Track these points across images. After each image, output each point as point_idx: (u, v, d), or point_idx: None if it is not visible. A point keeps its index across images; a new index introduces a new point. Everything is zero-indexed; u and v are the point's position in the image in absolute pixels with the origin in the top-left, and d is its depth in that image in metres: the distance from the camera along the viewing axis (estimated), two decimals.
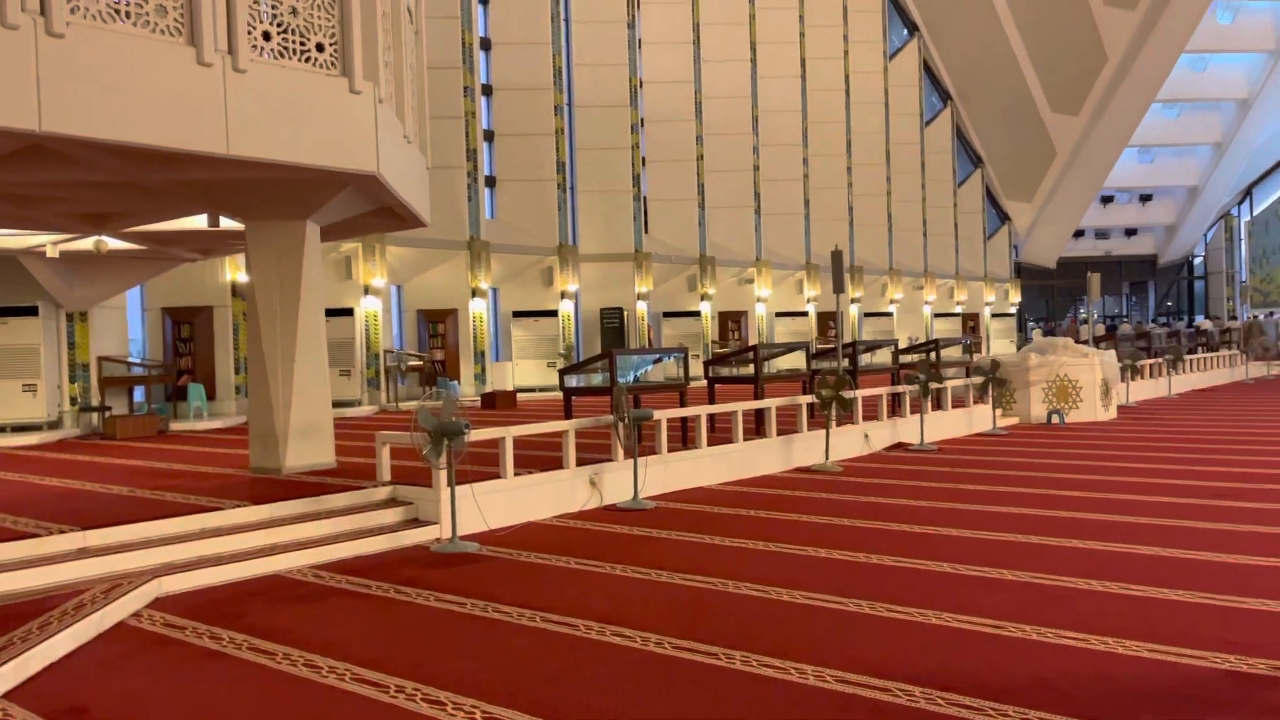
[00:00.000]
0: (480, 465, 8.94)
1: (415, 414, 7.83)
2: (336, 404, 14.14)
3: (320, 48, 8.17)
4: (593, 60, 24.10)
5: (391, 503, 8.52)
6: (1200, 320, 36.35)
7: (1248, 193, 40.08)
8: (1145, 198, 38.47)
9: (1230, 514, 8.33)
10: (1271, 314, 36.60)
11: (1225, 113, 36.52)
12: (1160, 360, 22.75)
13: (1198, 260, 41.71)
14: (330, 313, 13.22)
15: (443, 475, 8.04)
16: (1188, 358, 24.25)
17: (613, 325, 24.23)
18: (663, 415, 10.52)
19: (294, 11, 8.03)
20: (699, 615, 5.84)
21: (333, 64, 8.26)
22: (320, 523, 7.88)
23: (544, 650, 5.28)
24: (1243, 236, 40.10)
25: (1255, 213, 40.12)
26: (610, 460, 9.85)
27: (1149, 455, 12.34)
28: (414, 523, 8.27)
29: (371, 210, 10.50)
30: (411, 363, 19.68)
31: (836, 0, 30.14)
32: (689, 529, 8.41)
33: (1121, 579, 6.31)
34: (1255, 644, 5.00)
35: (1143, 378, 21.42)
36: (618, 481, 9.72)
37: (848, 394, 12.57)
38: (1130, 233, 39.46)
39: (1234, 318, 36.07)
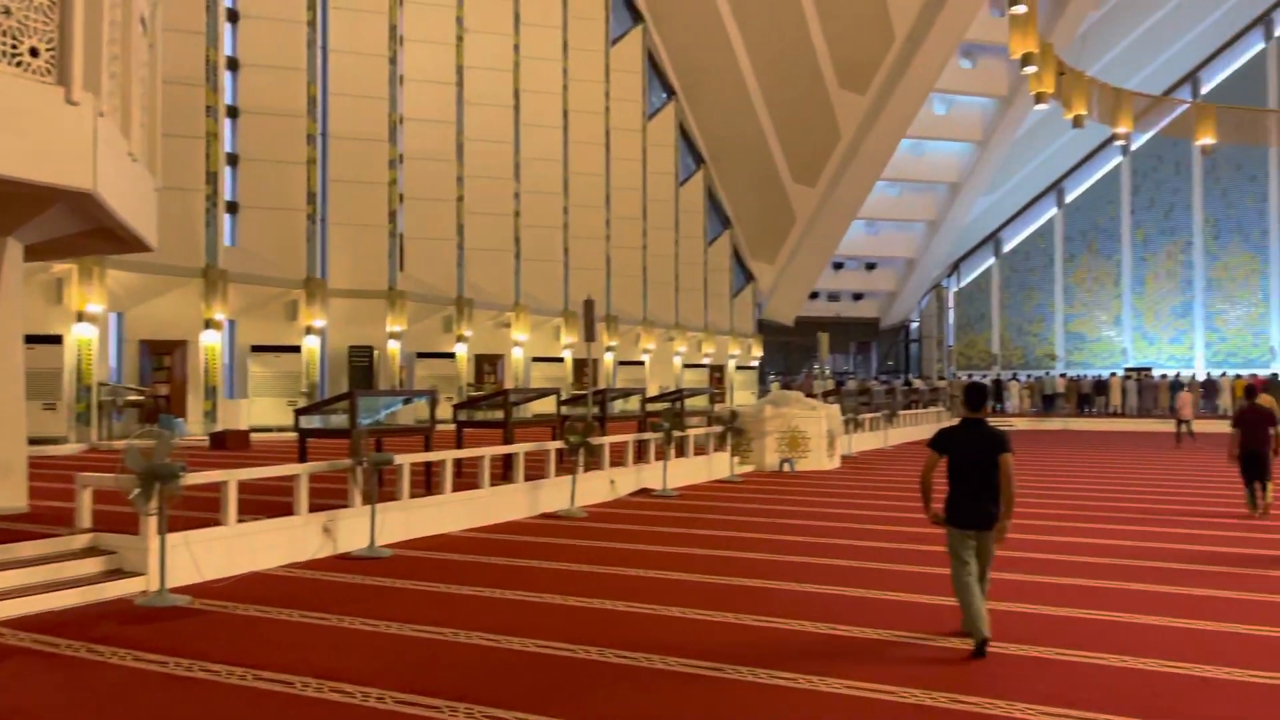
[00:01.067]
0: (200, 511, 8.32)
1: (124, 454, 7.18)
2: (37, 441, 12.73)
3: (34, 52, 7.45)
4: (351, 91, 23.45)
5: (91, 552, 7.72)
6: (914, 379, 40.07)
7: (955, 267, 44.89)
8: (870, 266, 42.13)
9: (927, 558, 9.15)
10: (970, 376, 40.97)
11: (939, 194, 40.77)
12: (879, 414, 24.82)
13: (914, 325, 46.07)
14: (33, 339, 11.94)
15: (152, 522, 7.39)
16: (902, 413, 26.60)
17: (361, 364, 23.42)
18: (405, 459, 10.25)
19: (6, 11, 7.29)
20: (426, 668, 5.68)
21: (48, 70, 7.54)
22: (3, 574, 7.02)
23: (252, 711, 4.94)
24: (951, 305, 44.83)
25: (961, 285, 45.00)
26: (347, 506, 9.45)
27: (864, 502, 13.36)
28: (117, 574, 7.53)
29: (87, 230, 9.61)
30: (130, 398, 18.07)
31: (599, 57, 31.13)
32: (427, 578, 8.19)
33: (830, 620, 6.76)
34: (945, 680, 5.49)
35: (864, 430, 23.24)
36: (354, 529, 9.34)
37: (595, 440, 12.80)
38: (858, 297, 43.03)
39: (942, 378, 40.02)
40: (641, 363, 32.29)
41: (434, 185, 25.59)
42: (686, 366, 34.52)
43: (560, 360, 29.20)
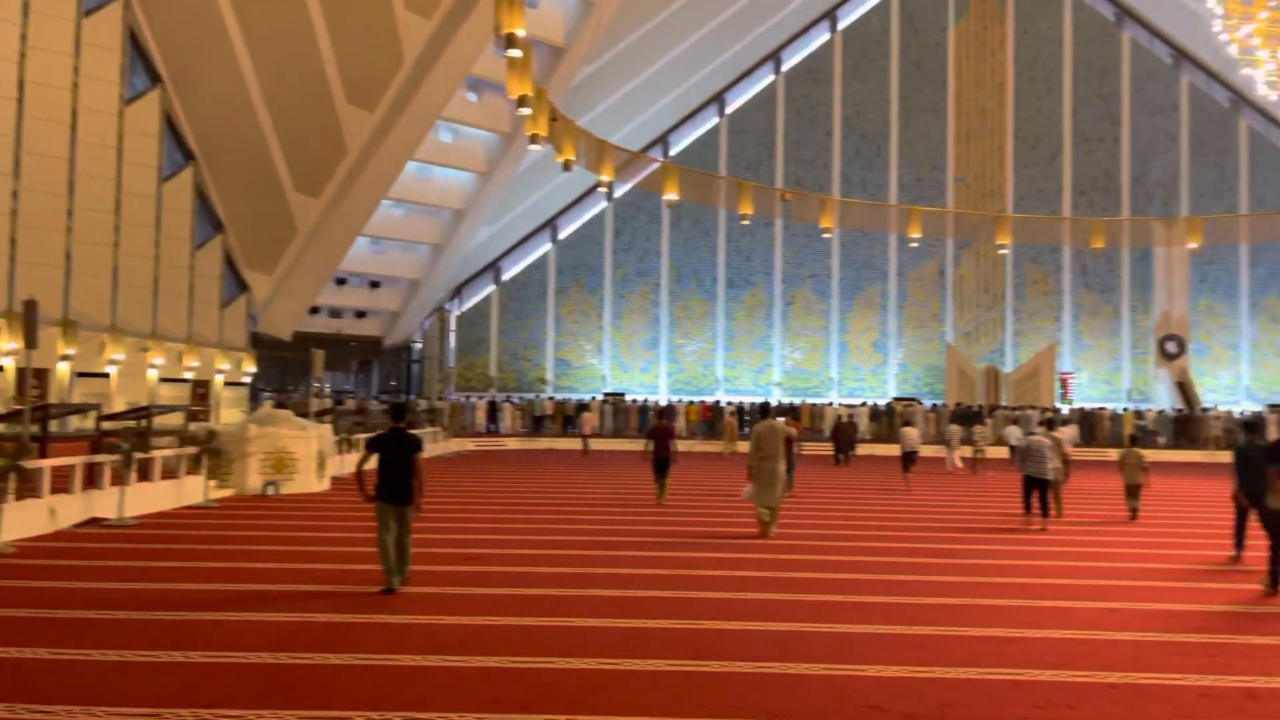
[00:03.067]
0: None
1: None
2: None
3: None
4: None
5: None
6: (415, 399, 40.48)
7: (458, 291, 46.28)
8: (375, 284, 41.78)
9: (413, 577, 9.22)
10: (469, 398, 42.47)
11: (444, 218, 41.73)
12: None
13: (417, 346, 46.59)
14: None
15: None
16: None
17: None
18: None
19: None
20: None
21: None
22: None
23: None
24: (453, 328, 46.10)
25: (463, 309, 46.51)
26: None
27: (348, 524, 13.10)
28: None
29: None
30: None
31: (68, 26, 27.18)
32: None
33: (286, 648, 6.48)
34: (402, 700, 5.52)
35: (359, 449, 22.82)
36: None
37: (30, 463, 11.04)
38: (361, 314, 42.37)
39: (443, 399, 40.91)
40: (107, 375, 28.62)
41: None
42: (164, 381, 31.26)
43: None
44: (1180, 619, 8.00)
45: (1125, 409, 38.78)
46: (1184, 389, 40.07)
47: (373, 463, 8.73)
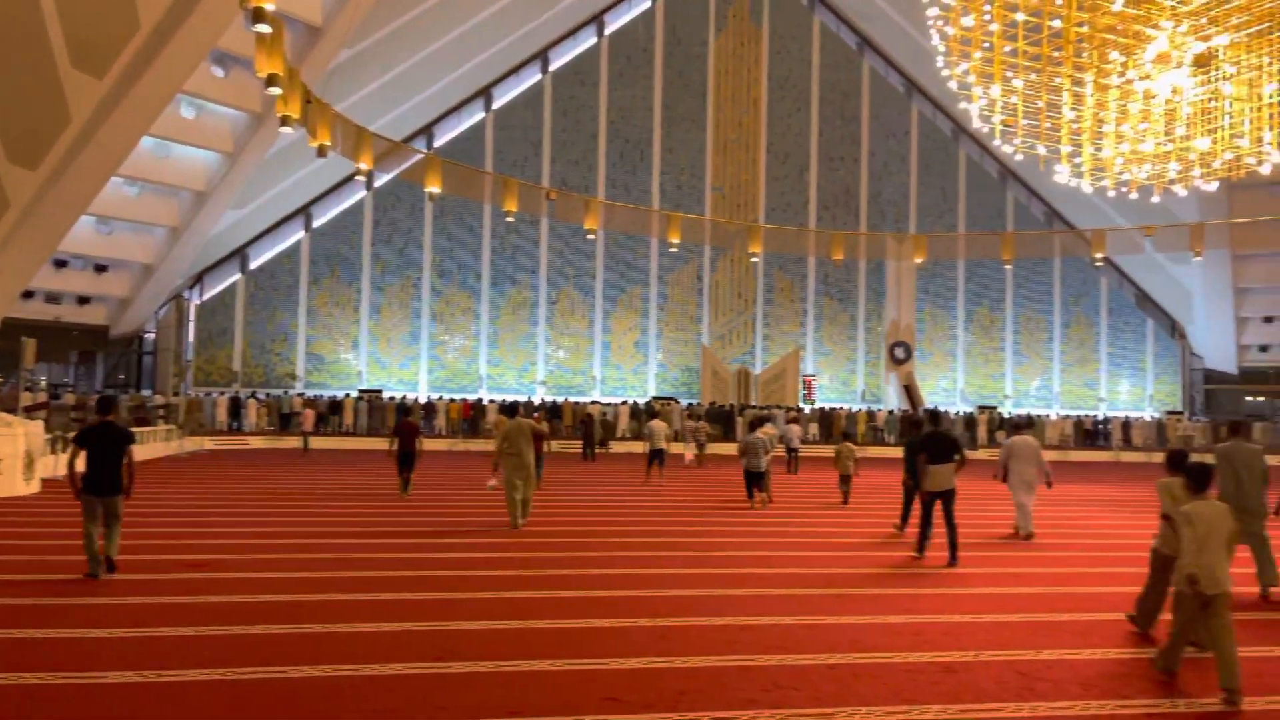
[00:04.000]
0: None
1: None
2: None
3: None
4: None
5: None
6: (147, 394, 37.32)
7: (199, 278, 43.07)
8: (101, 268, 38.07)
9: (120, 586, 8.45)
10: (210, 394, 39.66)
11: (184, 200, 38.70)
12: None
13: (150, 336, 42.94)
14: None
15: None
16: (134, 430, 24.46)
17: None
18: None
19: None
20: None
21: None
22: None
23: None
24: (192, 318, 42.80)
25: (204, 298, 43.33)
26: None
27: (60, 529, 11.87)
28: None
29: None
30: None
31: None
32: None
33: None
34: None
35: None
36: None
37: None
38: (84, 300, 38.46)
39: (178, 393, 37.94)
40: None
41: None
42: None
43: None
44: (892, 602, 8.70)
45: (859, 409, 41.96)
46: (910, 391, 43.89)
47: (83, 458, 8.94)
